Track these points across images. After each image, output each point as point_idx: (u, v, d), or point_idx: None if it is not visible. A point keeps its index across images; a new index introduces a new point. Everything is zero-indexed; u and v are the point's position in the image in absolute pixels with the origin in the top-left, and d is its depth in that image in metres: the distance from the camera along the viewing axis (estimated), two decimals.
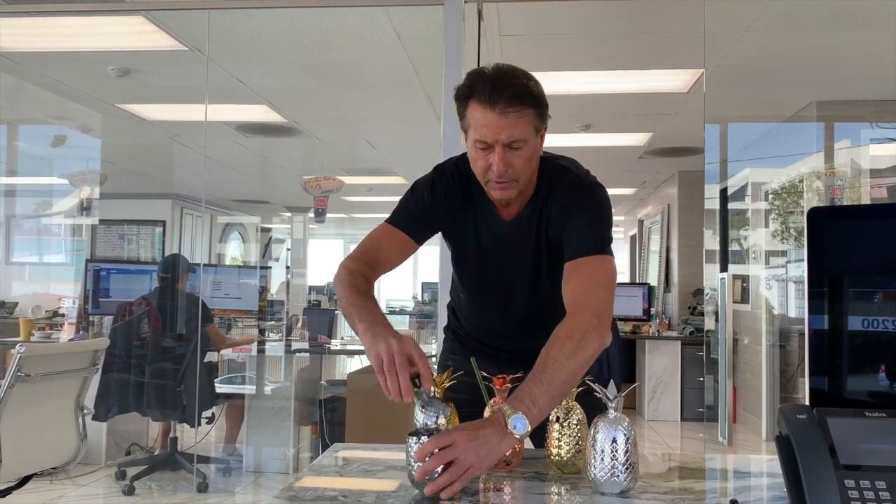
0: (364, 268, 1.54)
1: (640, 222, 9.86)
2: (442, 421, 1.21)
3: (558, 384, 1.28)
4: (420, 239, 1.64)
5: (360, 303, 1.43)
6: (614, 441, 1.19)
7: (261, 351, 5.15)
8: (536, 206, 1.61)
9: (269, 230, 11.33)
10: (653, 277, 8.71)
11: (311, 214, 6.85)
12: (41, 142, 6.69)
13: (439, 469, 1.15)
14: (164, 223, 9.11)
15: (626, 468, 1.19)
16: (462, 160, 1.67)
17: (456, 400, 1.37)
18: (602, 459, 1.19)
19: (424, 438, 1.19)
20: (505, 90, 1.44)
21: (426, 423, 1.23)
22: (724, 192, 6.73)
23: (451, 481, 1.15)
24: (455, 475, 1.15)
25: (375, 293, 1.54)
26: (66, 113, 5.84)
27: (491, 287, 1.71)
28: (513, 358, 1.68)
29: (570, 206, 1.55)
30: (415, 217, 1.63)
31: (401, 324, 10.67)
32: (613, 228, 1.66)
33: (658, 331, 7.14)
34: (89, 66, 4.53)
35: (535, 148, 1.52)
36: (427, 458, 1.16)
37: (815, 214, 1.11)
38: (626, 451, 1.19)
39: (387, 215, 1.67)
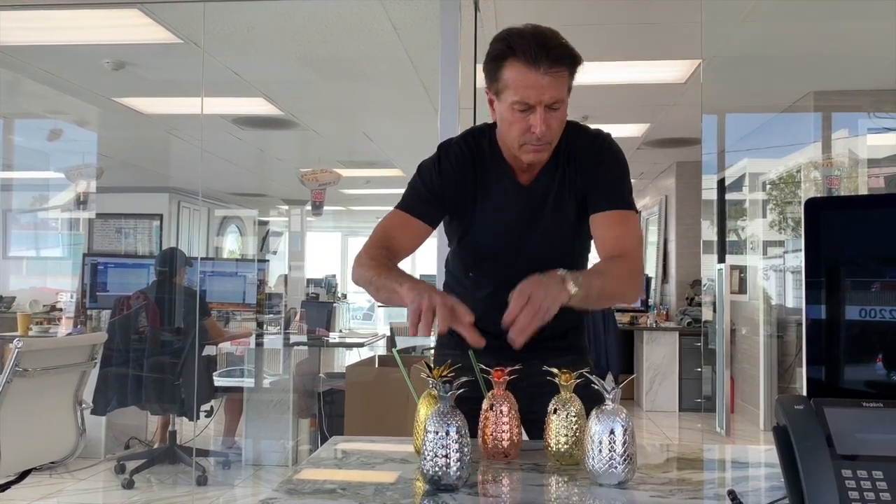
0: (385, 252, 1.52)
1: (638, 213, 9.85)
2: (452, 432, 1.18)
3: (609, 289, 1.43)
4: (433, 222, 1.62)
5: (393, 272, 1.42)
6: (612, 432, 1.19)
7: (259, 344, 5.16)
8: (557, 167, 1.60)
9: (266, 223, 11.32)
10: (651, 268, 8.72)
11: (309, 207, 6.85)
12: (37, 136, 6.68)
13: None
14: (161, 217, 9.09)
15: (624, 459, 1.19)
16: (469, 133, 1.65)
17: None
18: (600, 451, 1.19)
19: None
20: (550, 50, 1.43)
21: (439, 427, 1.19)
22: (721, 182, 6.73)
23: (532, 317, 1.24)
24: (532, 311, 1.24)
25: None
26: (61, 106, 5.82)
27: (503, 259, 1.67)
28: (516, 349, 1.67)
29: (596, 159, 1.58)
30: (425, 199, 1.60)
31: (399, 315, 10.69)
32: None
33: (656, 322, 7.16)
34: (84, 60, 4.51)
35: (567, 107, 1.52)
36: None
37: (812, 205, 1.11)
38: (624, 443, 1.19)
39: (385, 208, 1.66)
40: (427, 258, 1.56)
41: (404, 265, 1.63)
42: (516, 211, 1.62)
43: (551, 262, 1.65)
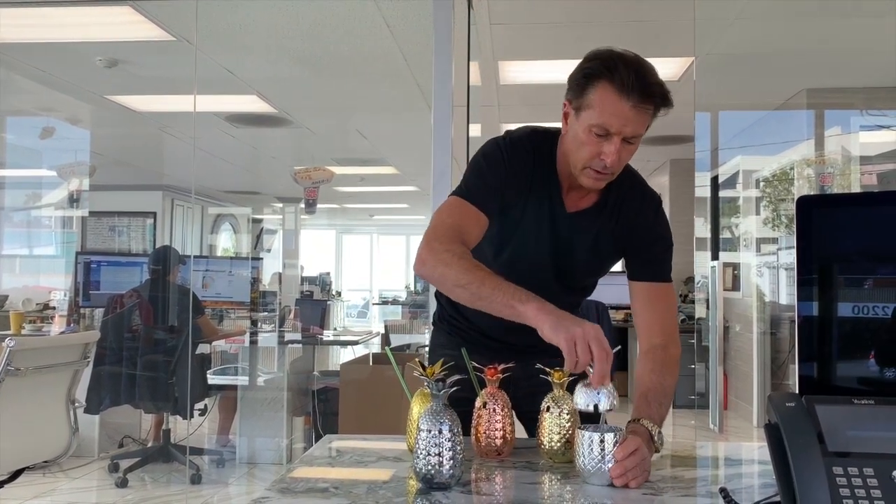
0: (466, 249, 1.43)
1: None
2: (445, 430, 1.18)
3: (668, 407, 1.45)
4: (493, 217, 1.51)
5: (501, 282, 1.34)
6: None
7: (253, 342, 5.15)
8: (602, 211, 1.59)
9: (260, 221, 11.30)
10: None
11: (303, 205, 6.84)
12: (29, 133, 6.65)
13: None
14: (154, 215, 9.07)
15: (615, 459, 1.19)
16: (535, 134, 1.59)
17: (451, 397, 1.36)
18: (591, 450, 1.20)
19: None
20: (647, 86, 1.40)
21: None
22: (715, 180, 6.74)
23: (639, 474, 1.21)
24: (641, 471, 1.21)
25: (367, 284, 1.50)
26: (54, 104, 5.80)
27: (526, 273, 1.60)
28: (519, 349, 1.66)
29: (651, 228, 1.61)
30: (492, 190, 1.50)
31: (394, 314, 10.68)
32: None
33: None
34: (77, 57, 4.50)
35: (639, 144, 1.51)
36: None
37: (804, 202, 1.11)
38: (615, 443, 1.19)
39: (378, 205, 1.63)
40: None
41: (398, 258, 1.57)
42: (551, 234, 1.59)
43: (567, 286, 1.67)
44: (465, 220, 1.47)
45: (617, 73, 1.39)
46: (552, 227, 1.58)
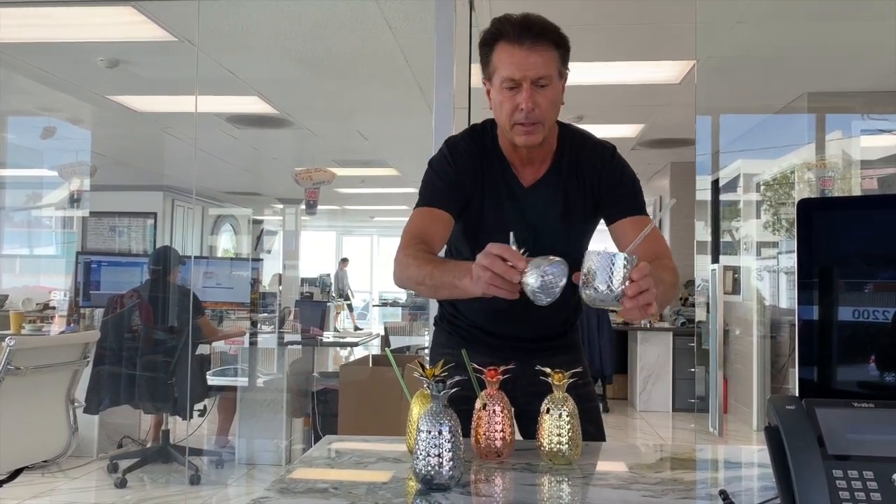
0: (423, 246, 1.50)
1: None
2: (445, 431, 1.17)
3: (661, 298, 1.32)
4: (456, 213, 1.59)
5: (446, 267, 1.38)
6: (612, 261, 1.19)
7: (253, 343, 5.15)
8: (560, 171, 1.62)
9: (260, 222, 11.31)
10: None
11: (303, 206, 6.85)
12: (31, 133, 6.65)
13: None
14: (154, 215, 9.08)
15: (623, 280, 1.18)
16: (473, 129, 1.67)
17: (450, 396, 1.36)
18: (600, 271, 1.19)
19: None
20: (532, 27, 1.50)
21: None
22: (715, 183, 6.75)
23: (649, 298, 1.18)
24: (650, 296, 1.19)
25: (367, 286, 1.51)
26: (55, 104, 5.80)
27: None
28: (518, 346, 1.66)
29: (613, 176, 1.61)
30: (443, 191, 1.59)
31: (393, 315, 10.69)
32: None
33: (650, 322, 7.17)
34: (78, 57, 4.50)
35: (559, 91, 1.56)
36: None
37: (804, 206, 1.11)
38: (625, 265, 1.18)
39: (379, 206, 1.66)
40: None
41: None
42: (517, 212, 1.62)
43: None
44: (424, 223, 1.57)
45: (505, 30, 1.51)
46: (516, 205, 1.63)
